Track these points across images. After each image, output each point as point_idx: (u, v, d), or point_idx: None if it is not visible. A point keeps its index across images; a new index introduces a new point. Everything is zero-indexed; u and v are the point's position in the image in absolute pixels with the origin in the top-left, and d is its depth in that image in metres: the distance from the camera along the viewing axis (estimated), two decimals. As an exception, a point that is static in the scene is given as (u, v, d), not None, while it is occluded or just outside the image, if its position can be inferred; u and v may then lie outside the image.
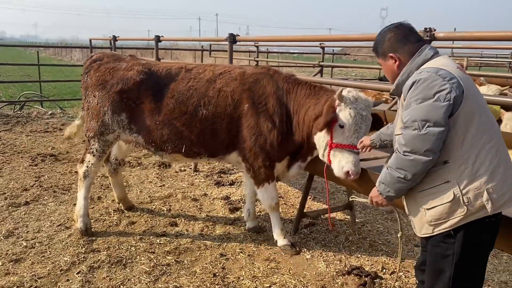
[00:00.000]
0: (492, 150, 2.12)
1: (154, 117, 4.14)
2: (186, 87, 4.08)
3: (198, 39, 10.54)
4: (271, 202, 4.19)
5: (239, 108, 3.92)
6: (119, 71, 4.23)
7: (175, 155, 4.33)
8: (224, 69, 4.19)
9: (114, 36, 9.71)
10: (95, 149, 4.39)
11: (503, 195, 2.12)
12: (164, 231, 4.56)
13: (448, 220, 2.18)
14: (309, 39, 5.39)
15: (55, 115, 10.87)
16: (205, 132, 4.04)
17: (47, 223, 4.64)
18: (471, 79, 2.25)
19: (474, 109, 2.13)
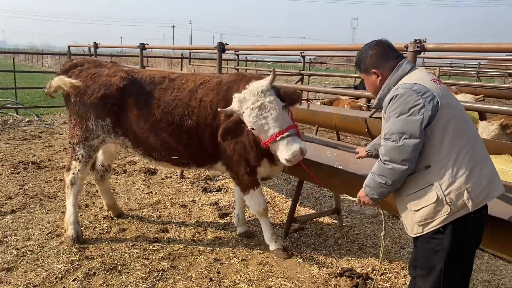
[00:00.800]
0: (468, 153, 2.32)
1: (139, 124, 4.16)
2: (171, 97, 4.12)
3: (187, 47, 10.56)
4: (258, 208, 4.23)
5: (217, 118, 3.96)
6: (102, 77, 4.24)
7: (163, 163, 4.39)
8: (203, 79, 4.23)
9: (95, 43, 9.63)
10: (80, 155, 4.39)
11: (481, 192, 2.31)
12: (156, 237, 4.58)
13: (434, 220, 2.37)
14: (294, 48, 5.55)
15: (32, 122, 10.66)
16: (191, 142, 4.08)
17: (36, 231, 4.58)
18: (447, 88, 2.45)
19: (450, 117, 2.32)
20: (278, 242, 4.33)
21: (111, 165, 5.11)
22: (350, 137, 10.54)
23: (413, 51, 3.24)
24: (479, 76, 17.80)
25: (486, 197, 2.34)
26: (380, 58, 2.58)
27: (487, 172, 2.36)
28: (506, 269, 4.17)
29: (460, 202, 2.29)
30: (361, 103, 11.84)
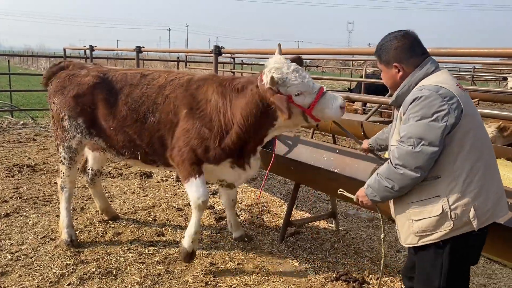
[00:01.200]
0: (481, 168, 2.22)
1: (108, 122, 4.10)
2: (139, 93, 4.02)
3: (183, 50, 10.55)
4: (197, 199, 3.80)
5: (179, 113, 3.82)
6: (77, 77, 4.22)
7: (133, 161, 4.35)
8: (176, 75, 4.10)
9: (91, 45, 9.61)
10: (63, 157, 4.39)
11: (487, 211, 2.23)
12: (152, 241, 4.56)
13: (434, 233, 2.27)
14: (291, 52, 5.53)
15: (27, 125, 10.61)
16: (154, 140, 3.98)
17: (30, 235, 4.55)
18: (469, 96, 2.33)
19: (470, 127, 2.21)
20: (193, 244, 3.96)
21: (100, 170, 5.07)
22: (345, 141, 10.56)
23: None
24: (474, 80, 17.90)
25: (490, 217, 2.26)
26: (405, 52, 2.41)
27: (494, 191, 2.28)
28: (502, 273, 4.18)
29: (465, 219, 2.20)
30: (357, 106, 11.89)
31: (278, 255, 4.41)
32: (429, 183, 2.27)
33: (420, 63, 2.39)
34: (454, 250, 2.28)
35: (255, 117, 3.58)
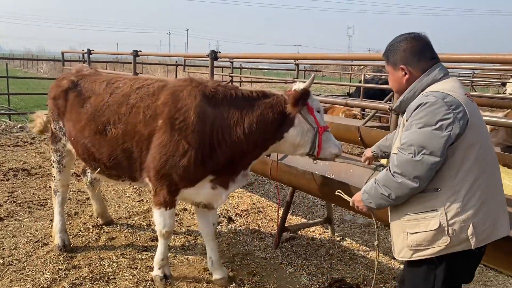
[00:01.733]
0: (483, 184, 2.11)
1: (72, 131, 3.95)
2: (100, 102, 3.76)
3: (179, 55, 10.55)
4: (162, 228, 3.62)
5: (152, 124, 3.43)
6: (61, 80, 4.20)
7: (99, 175, 4.08)
8: (143, 83, 3.75)
9: (88, 49, 9.61)
10: (52, 161, 4.39)
11: (486, 229, 2.12)
12: (146, 246, 4.53)
13: (429, 248, 2.17)
14: (288, 57, 5.54)
15: (24, 128, 10.59)
16: (118, 153, 3.64)
17: (23, 240, 4.52)
18: (476, 106, 2.23)
19: (475, 140, 2.11)
20: (162, 269, 3.76)
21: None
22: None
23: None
24: (473, 85, 17.89)
25: (490, 236, 2.15)
26: (414, 55, 2.28)
27: (495, 208, 2.17)
28: (497, 279, 4.15)
29: (463, 236, 2.09)
30: (355, 111, 11.87)
31: (272, 261, 4.38)
32: (428, 195, 2.16)
33: (429, 68, 2.27)
34: (449, 267, 2.17)
35: (268, 125, 3.36)
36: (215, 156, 3.37)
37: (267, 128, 3.36)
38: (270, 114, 3.35)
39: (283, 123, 3.37)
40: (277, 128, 3.38)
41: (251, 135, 3.34)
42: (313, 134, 3.33)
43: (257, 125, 3.33)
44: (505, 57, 2.73)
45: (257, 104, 3.40)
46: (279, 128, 3.38)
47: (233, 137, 3.34)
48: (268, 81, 17.78)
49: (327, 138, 3.35)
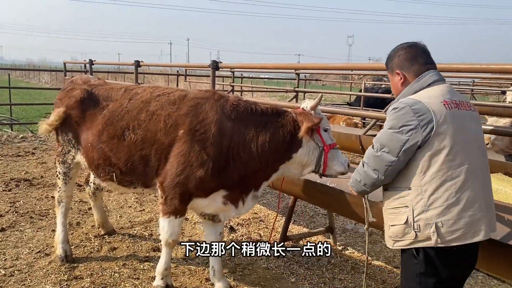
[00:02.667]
0: (453, 188, 2.21)
1: (88, 138, 3.93)
2: (119, 108, 3.79)
3: (181, 65, 10.62)
4: (168, 237, 3.61)
5: (173, 134, 3.47)
6: (71, 91, 4.18)
7: (109, 183, 4.01)
8: (163, 91, 3.81)
9: (90, 60, 9.67)
10: (58, 172, 4.38)
11: (454, 231, 2.21)
12: (147, 256, 4.53)
13: (402, 240, 2.35)
14: (288, 67, 5.58)
15: (26, 138, 10.63)
16: (135, 158, 3.65)
17: (25, 250, 4.52)
18: (463, 113, 2.30)
19: (443, 146, 2.21)
20: (164, 279, 3.76)
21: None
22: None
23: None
24: (473, 93, 17.93)
25: (460, 237, 2.21)
26: (408, 60, 2.46)
27: (471, 215, 2.23)
28: (500, 289, 4.14)
29: (426, 233, 2.24)
30: (356, 120, 11.90)
31: (274, 270, 4.37)
32: (402, 193, 2.35)
33: (422, 72, 2.42)
34: (427, 261, 2.29)
35: (279, 144, 3.39)
36: (230, 170, 3.41)
37: (278, 148, 3.41)
38: (281, 134, 3.41)
39: (292, 144, 3.42)
40: (287, 147, 3.43)
41: (263, 153, 3.39)
42: (318, 152, 3.38)
43: (269, 144, 3.39)
44: (503, 66, 2.75)
45: (270, 122, 3.45)
46: (289, 148, 3.43)
47: (247, 153, 3.39)
48: (269, 91, 17.86)
49: (333, 156, 3.39)
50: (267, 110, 3.50)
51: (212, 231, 3.89)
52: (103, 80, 4.49)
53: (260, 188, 3.63)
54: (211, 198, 3.52)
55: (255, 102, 3.71)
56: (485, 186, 2.34)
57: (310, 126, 3.29)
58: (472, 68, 2.97)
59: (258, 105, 3.57)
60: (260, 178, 3.56)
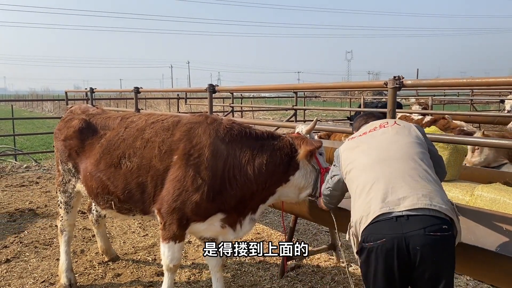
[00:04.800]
0: (358, 191, 2.52)
1: (86, 167, 3.97)
2: (116, 137, 3.86)
3: (178, 90, 10.78)
4: (169, 262, 3.63)
5: (167, 160, 3.50)
6: (70, 121, 4.24)
7: (109, 211, 4.05)
8: (158, 118, 3.87)
9: (91, 88, 9.83)
10: (59, 201, 4.44)
11: (356, 223, 2.46)
12: (151, 282, 4.55)
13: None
14: (284, 88, 5.67)
15: (30, 168, 10.72)
16: (132, 186, 3.68)
17: (30, 280, 4.55)
18: (378, 134, 2.75)
19: (348, 169, 2.68)
20: None
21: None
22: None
23: (392, 88, 3.33)
24: (473, 103, 17.99)
25: (358, 234, 2.44)
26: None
27: (362, 213, 2.42)
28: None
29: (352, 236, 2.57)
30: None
31: (278, 290, 4.37)
32: None
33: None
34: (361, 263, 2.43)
35: (276, 167, 3.44)
36: (226, 193, 3.42)
37: (275, 170, 3.45)
38: (278, 156, 3.46)
39: (289, 166, 3.48)
40: (284, 170, 3.48)
41: (260, 176, 3.41)
42: (315, 175, 3.46)
43: (266, 166, 3.41)
44: (487, 80, 2.82)
45: (266, 145, 3.50)
46: (286, 170, 3.48)
47: (243, 176, 3.41)
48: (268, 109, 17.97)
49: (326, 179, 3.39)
50: (262, 134, 3.56)
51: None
52: (101, 109, 4.57)
53: (257, 211, 3.64)
54: (209, 222, 3.53)
55: (249, 125, 3.76)
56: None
57: (312, 150, 3.36)
58: (458, 83, 3.03)
59: (253, 128, 3.62)
60: (257, 201, 3.58)
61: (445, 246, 2.26)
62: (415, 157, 2.54)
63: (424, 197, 2.31)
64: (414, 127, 2.80)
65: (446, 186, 4.56)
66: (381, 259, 2.27)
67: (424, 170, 2.48)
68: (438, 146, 4.81)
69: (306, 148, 3.37)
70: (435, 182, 2.47)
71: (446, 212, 2.31)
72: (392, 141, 2.65)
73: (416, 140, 2.67)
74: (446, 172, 3.01)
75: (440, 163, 2.84)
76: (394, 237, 2.24)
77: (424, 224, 2.23)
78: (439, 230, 2.24)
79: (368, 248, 2.31)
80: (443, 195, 2.45)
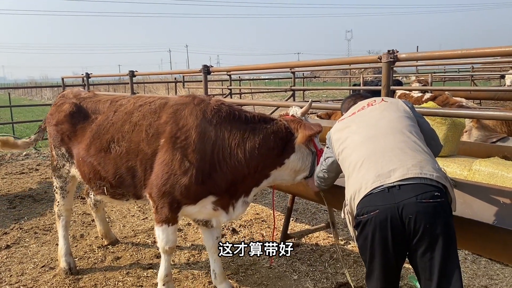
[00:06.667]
0: (350, 170, 2.53)
1: (78, 152, 3.95)
2: (105, 121, 3.81)
3: (172, 72, 10.69)
4: (165, 245, 3.62)
5: (155, 143, 3.46)
6: (61, 106, 4.19)
7: (102, 196, 4.02)
8: (146, 100, 3.81)
9: (87, 73, 9.76)
10: (55, 186, 4.43)
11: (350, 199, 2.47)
12: (151, 264, 4.56)
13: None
14: (279, 66, 5.60)
15: (29, 155, 10.73)
16: (122, 171, 3.66)
17: (30, 265, 4.57)
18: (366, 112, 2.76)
19: (340, 150, 2.69)
20: (167, 285, 3.76)
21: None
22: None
23: (387, 62, 3.27)
24: (474, 79, 17.85)
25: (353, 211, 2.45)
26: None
27: (355, 189, 2.43)
28: (503, 273, 4.12)
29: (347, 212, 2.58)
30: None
31: (277, 269, 4.39)
32: None
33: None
34: (357, 236, 2.43)
35: (269, 150, 3.36)
36: (216, 176, 3.37)
37: (269, 154, 3.38)
38: (272, 140, 3.38)
39: (284, 150, 3.41)
40: (279, 153, 3.42)
41: (252, 160, 3.35)
42: (312, 158, 3.42)
43: (258, 150, 3.34)
44: (483, 50, 2.75)
45: (258, 128, 3.41)
46: (281, 154, 3.42)
47: (234, 159, 3.35)
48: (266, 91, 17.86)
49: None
50: (253, 117, 3.48)
51: (209, 236, 3.89)
52: (93, 93, 4.52)
53: (250, 194, 3.60)
54: (200, 205, 3.50)
55: (240, 108, 3.66)
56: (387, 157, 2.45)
57: (311, 135, 3.29)
58: (452, 55, 2.96)
59: (243, 110, 3.54)
60: (249, 184, 3.52)
61: (438, 213, 2.24)
62: (403, 130, 2.54)
63: (414, 167, 2.31)
64: (401, 102, 2.79)
65: (444, 161, 4.56)
66: (376, 231, 2.27)
67: (414, 142, 2.48)
68: (435, 122, 4.79)
69: (305, 133, 3.28)
70: (425, 152, 2.46)
71: (438, 179, 2.30)
72: (380, 118, 2.66)
73: (404, 114, 2.67)
74: (441, 145, 2.98)
75: (433, 136, 2.83)
76: (387, 207, 2.23)
77: (415, 192, 2.22)
78: (431, 197, 2.23)
79: (363, 221, 2.32)
80: (434, 163, 2.43)
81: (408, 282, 3.98)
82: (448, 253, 2.23)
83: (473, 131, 5.60)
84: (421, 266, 2.28)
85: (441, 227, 2.21)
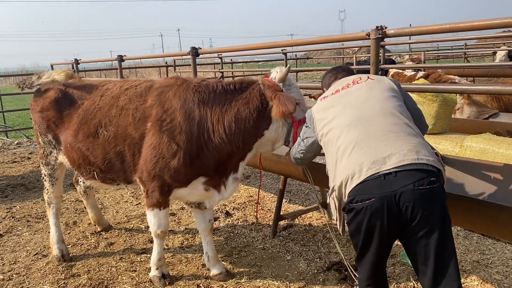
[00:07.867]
0: (340, 154, 2.43)
1: (66, 139, 3.91)
2: (92, 106, 3.77)
3: (161, 55, 10.56)
4: (156, 229, 3.65)
5: (142, 127, 3.45)
6: (46, 92, 4.11)
7: (92, 182, 4.02)
8: (132, 84, 3.78)
9: (76, 59, 9.62)
10: (43, 174, 4.39)
11: (341, 186, 2.37)
12: (144, 248, 4.55)
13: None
14: (269, 46, 5.52)
15: (22, 144, 10.65)
16: (111, 156, 3.63)
17: (23, 254, 4.55)
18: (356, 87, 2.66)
19: (325, 130, 2.59)
20: (160, 269, 3.80)
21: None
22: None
23: (375, 38, 3.21)
24: (467, 57, 17.79)
25: (342, 196, 2.39)
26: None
27: (347, 175, 2.33)
28: (495, 247, 4.15)
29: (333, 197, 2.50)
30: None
31: (270, 250, 4.39)
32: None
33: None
34: (347, 221, 2.41)
35: (248, 123, 3.29)
36: (203, 156, 3.36)
37: (246, 126, 3.31)
38: (247, 112, 3.31)
39: (262, 120, 3.33)
40: (256, 125, 3.34)
41: (232, 136, 3.31)
42: (287, 129, 3.34)
43: (236, 124, 3.29)
44: (471, 24, 2.70)
45: (234, 100, 3.34)
46: (259, 126, 3.35)
47: (217, 137, 3.31)
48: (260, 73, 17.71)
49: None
50: (229, 86, 3.40)
51: (201, 219, 3.88)
52: (78, 78, 4.45)
53: (239, 169, 3.58)
54: (192, 187, 3.49)
55: (219, 80, 3.61)
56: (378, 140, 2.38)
57: (285, 112, 3.16)
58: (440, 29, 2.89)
59: (221, 82, 3.50)
60: (236, 160, 3.51)
61: (435, 198, 2.22)
62: (393, 111, 2.47)
63: (410, 152, 2.26)
64: (388, 80, 2.71)
65: (436, 138, 4.55)
66: (371, 218, 2.23)
67: (405, 124, 2.42)
68: (426, 99, 4.77)
69: (279, 109, 3.15)
70: (418, 135, 2.43)
71: (433, 164, 2.27)
72: (368, 97, 2.56)
73: (392, 93, 2.59)
74: (427, 125, 2.95)
75: (419, 116, 2.77)
76: (384, 196, 2.19)
77: (412, 179, 2.18)
78: (428, 183, 2.20)
79: (357, 208, 2.26)
80: (428, 147, 2.40)
81: (401, 260, 3.99)
82: (445, 238, 2.22)
83: (465, 107, 5.59)
84: (416, 250, 2.26)
85: (438, 213, 2.21)
